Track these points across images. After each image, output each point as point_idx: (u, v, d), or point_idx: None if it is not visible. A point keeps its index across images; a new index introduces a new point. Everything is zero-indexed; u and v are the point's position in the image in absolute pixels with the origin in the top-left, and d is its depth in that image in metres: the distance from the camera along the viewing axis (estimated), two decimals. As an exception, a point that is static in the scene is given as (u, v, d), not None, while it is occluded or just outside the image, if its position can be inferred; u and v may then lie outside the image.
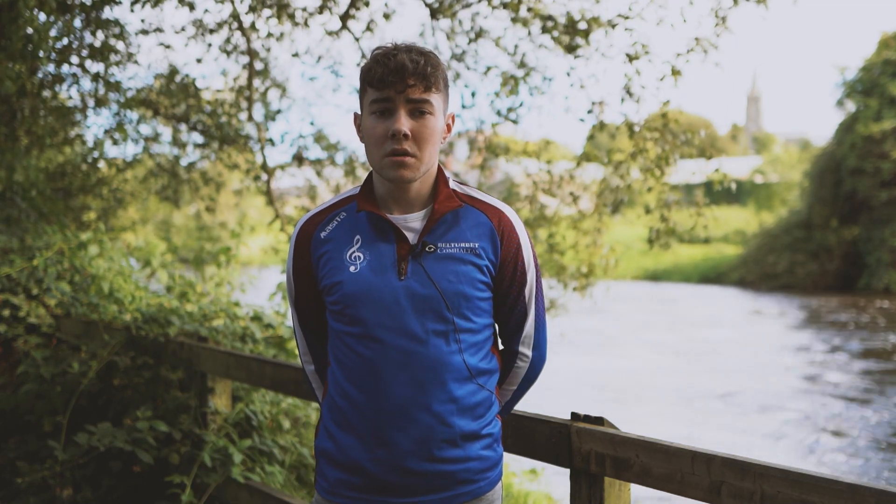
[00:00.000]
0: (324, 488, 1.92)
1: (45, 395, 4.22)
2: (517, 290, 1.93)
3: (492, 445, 1.92)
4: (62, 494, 3.99)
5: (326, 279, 1.88)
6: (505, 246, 1.90)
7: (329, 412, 1.92)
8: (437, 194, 1.89)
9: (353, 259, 1.86)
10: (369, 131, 1.83)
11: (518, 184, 8.56)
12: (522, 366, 2.01)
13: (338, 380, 1.89)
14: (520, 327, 1.97)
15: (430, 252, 1.84)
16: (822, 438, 9.83)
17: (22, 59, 4.99)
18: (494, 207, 1.92)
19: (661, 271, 35.09)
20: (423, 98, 1.80)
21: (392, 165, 1.81)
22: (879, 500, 1.66)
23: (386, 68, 1.78)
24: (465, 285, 1.84)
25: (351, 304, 1.83)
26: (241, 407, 3.90)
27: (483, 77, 7.65)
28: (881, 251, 29.12)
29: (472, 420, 1.86)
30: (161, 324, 4.29)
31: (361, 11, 7.55)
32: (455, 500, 1.86)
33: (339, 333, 1.88)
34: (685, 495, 2.01)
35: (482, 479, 1.89)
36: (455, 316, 1.83)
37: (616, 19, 6.54)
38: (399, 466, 1.82)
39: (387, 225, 1.86)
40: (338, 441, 1.88)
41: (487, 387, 1.90)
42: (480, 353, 1.89)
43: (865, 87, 30.82)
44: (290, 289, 2.00)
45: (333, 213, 1.93)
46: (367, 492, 1.85)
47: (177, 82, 8.13)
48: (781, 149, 56.65)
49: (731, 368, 14.06)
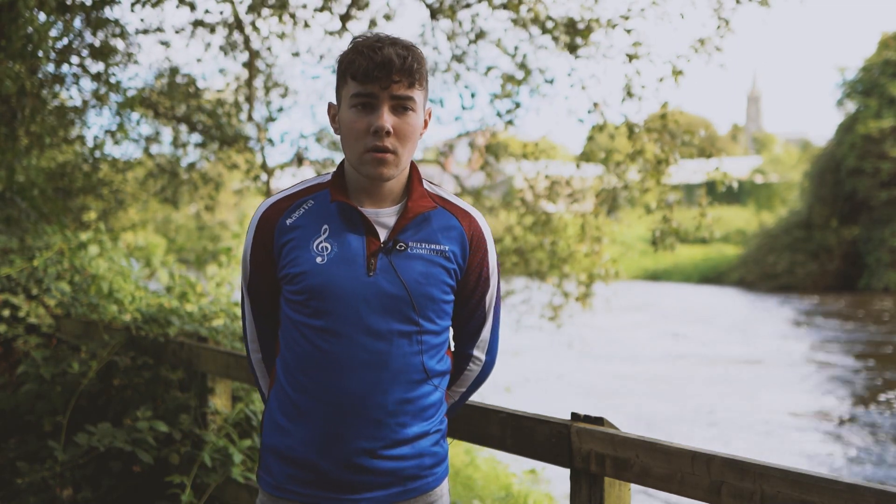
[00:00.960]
0: (270, 484, 1.87)
1: (45, 395, 4.22)
2: (479, 296, 1.93)
3: (439, 442, 1.92)
4: (62, 494, 3.98)
5: (290, 268, 1.82)
6: (473, 252, 1.89)
7: (278, 403, 1.87)
8: (410, 192, 1.86)
9: (321, 249, 1.80)
10: (349, 125, 1.78)
11: (519, 189, 8.55)
12: (475, 369, 2.02)
13: (291, 370, 1.83)
14: (477, 332, 1.98)
15: (401, 251, 1.81)
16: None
17: (22, 59, 4.98)
18: (466, 212, 1.91)
19: (661, 271, 35.07)
20: (407, 95, 1.76)
21: (372, 162, 1.77)
22: (879, 500, 1.66)
23: (371, 62, 1.73)
24: (433, 288, 1.82)
25: (316, 295, 1.78)
26: (241, 407, 3.90)
27: (483, 78, 7.65)
28: (881, 251, 29.11)
29: (423, 421, 1.86)
30: (161, 324, 4.28)
31: (362, 11, 7.55)
32: (405, 495, 1.85)
33: (296, 324, 1.82)
34: (685, 495, 2.01)
35: (430, 475, 1.89)
36: (420, 318, 1.81)
37: (616, 20, 6.54)
38: (351, 463, 1.80)
39: (359, 218, 1.82)
40: (288, 434, 1.83)
41: (441, 388, 1.91)
42: (438, 356, 1.89)
43: (865, 87, 30.81)
44: (245, 273, 1.93)
45: (300, 201, 1.87)
46: (317, 487, 1.81)
47: (177, 82, 8.13)
48: (781, 149, 56.64)
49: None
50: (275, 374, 1.91)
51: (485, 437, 2.52)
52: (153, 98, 8.29)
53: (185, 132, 9.01)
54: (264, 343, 1.98)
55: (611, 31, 6.56)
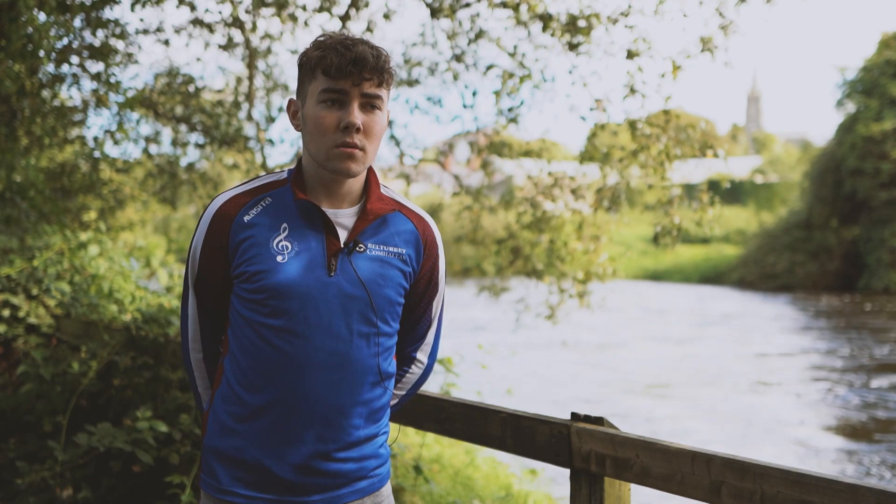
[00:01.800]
0: (214, 487, 1.83)
1: (45, 395, 4.22)
2: (428, 300, 1.95)
3: (384, 444, 1.93)
4: (62, 494, 3.98)
5: (247, 266, 1.78)
6: (426, 256, 1.91)
7: (224, 403, 1.83)
8: (368, 193, 1.86)
9: (281, 248, 1.78)
10: (316, 120, 1.77)
11: (520, 187, 8.54)
12: (417, 371, 2.04)
13: (244, 370, 1.80)
14: (423, 336, 2.00)
15: (361, 252, 1.81)
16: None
17: (22, 59, 4.98)
18: (420, 217, 1.93)
19: (661, 271, 35.08)
20: (377, 93, 1.77)
21: (341, 157, 1.76)
22: (879, 500, 1.66)
23: (343, 59, 1.72)
24: (390, 290, 1.83)
25: (276, 294, 1.76)
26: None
27: (483, 77, 7.64)
28: (881, 251, 29.12)
29: (373, 423, 1.87)
30: (161, 324, 4.28)
31: (361, 12, 7.55)
32: (352, 496, 1.85)
33: (252, 323, 1.79)
34: (685, 495, 2.01)
35: (375, 476, 1.90)
36: (378, 319, 1.82)
37: (616, 16, 6.52)
38: (302, 465, 1.78)
39: (320, 217, 1.80)
40: (236, 435, 1.80)
41: (389, 391, 1.91)
42: (390, 358, 1.89)
43: (866, 87, 30.83)
44: (193, 269, 1.87)
45: (258, 197, 1.84)
46: (265, 490, 1.79)
47: (177, 82, 8.13)
48: (781, 149, 56.65)
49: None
50: (221, 375, 1.87)
51: (485, 437, 2.52)
52: (153, 98, 8.29)
53: (185, 132, 9.01)
54: (206, 342, 1.94)
55: (611, 27, 6.54)
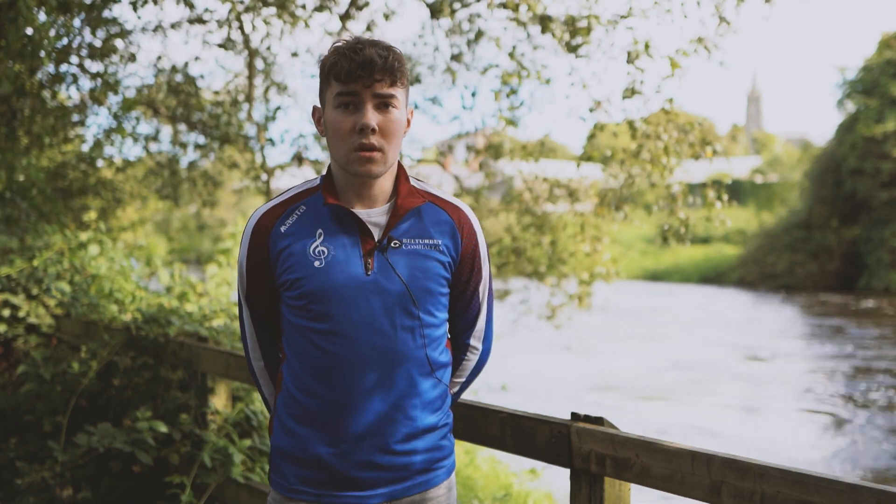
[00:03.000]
0: (283, 486, 1.90)
1: (45, 395, 4.22)
2: (473, 286, 1.97)
3: (447, 435, 1.96)
4: (62, 494, 3.98)
5: (288, 274, 1.84)
6: (464, 243, 1.93)
7: (285, 406, 1.89)
8: (398, 189, 1.90)
9: (318, 253, 1.83)
10: (335, 125, 1.81)
11: (519, 191, 8.54)
12: (473, 358, 2.06)
13: (298, 374, 1.86)
14: (474, 322, 2.02)
15: (396, 248, 1.85)
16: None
17: (22, 59, 4.98)
18: (454, 205, 1.95)
19: (661, 271, 35.06)
20: (390, 92, 1.80)
21: (359, 160, 1.80)
22: (880, 500, 1.66)
23: (353, 62, 1.77)
24: (431, 281, 1.86)
25: (317, 299, 1.81)
26: (241, 407, 3.90)
27: (482, 77, 7.64)
28: (881, 251, 29.10)
29: (431, 413, 1.90)
30: (161, 324, 4.28)
31: (362, 11, 7.55)
32: (414, 489, 1.88)
33: (300, 329, 1.85)
34: (685, 495, 2.01)
35: (440, 468, 1.93)
36: (421, 311, 1.85)
37: (616, 19, 6.52)
38: (363, 460, 1.83)
39: (352, 219, 1.85)
40: (297, 437, 1.86)
41: (444, 380, 1.94)
42: (440, 348, 1.92)
43: (866, 87, 30.80)
44: (242, 283, 1.95)
45: (293, 207, 1.90)
46: (330, 487, 1.85)
47: (177, 81, 8.13)
48: (781, 149, 56.62)
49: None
50: (280, 381, 1.93)
51: (485, 437, 2.52)
52: (151, 97, 8.29)
53: (185, 131, 9.01)
54: (265, 351, 2.01)
55: (611, 29, 6.54)
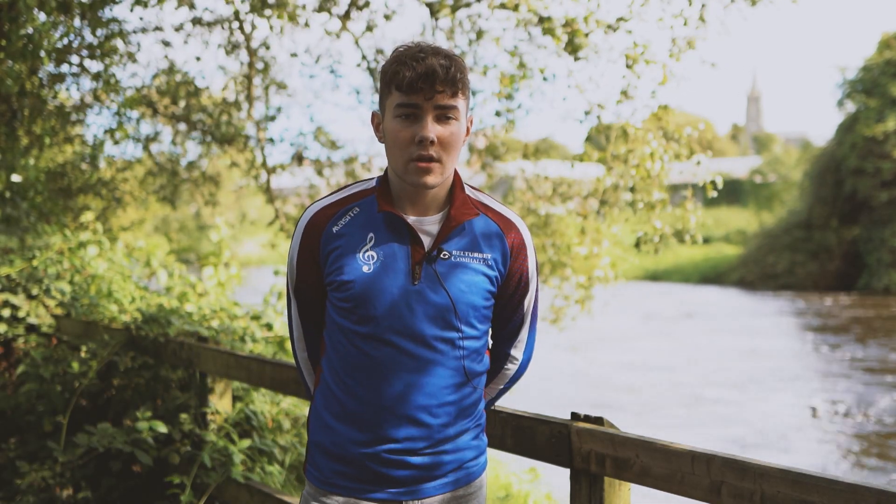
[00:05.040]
0: (318, 479, 1.93)
1: (45, 395, 4.22)
2: (518, 299, 1.96)
3: (479, 435, 1.98)
4: (62, 494, 3.98)
5: (337, 275, 1.85)
6: (514, 258, 1.92)
7: (324, 400, 1.92)
8: (453, 199, 1.89)
9: (367, 258, 1.84)
10: (394, 135, 1.80)
11: (520, 190, 8.54)
12: (512, 367, 2.06)
13: (337, 371, 1.89)
14: (516, 333, 2.01)
15: (445, 259, 1.84)
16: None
17: (22, 59, 4.98)
18: (508, 220, 1.94)
19: (661, 271, 35.06)
20: (451, 104, 1.78)
21: (417, 171, 1.79)
22: (879, 500, 1.66)
23: (415, 72, 1.74)
24: (476, 296, 1.86)
25: (362, 303, 1.83)
26: (241, 407, 3.90)
27: (483, 77, 7.63)
28: (881, 251, 29.10)
29: (465, 419, 1.91)
30: (161, 324, 4.28)
31: (362, 12, 7.55)
32: (447, 486, 1.91)
33: (343, 329, 1.87)
34: (685, 495, 2.01)
35: (473, 467, 1.95)
36: (463, 324, 1.85)
37: (615, 22, 6.52)
38: (397, 461, 1.85)
39: (404, 227, 1.85)
40: (334, 432, 1.89)
41: (479, 387, 1.95)
42: (479, 358, 1.93)
43: (866, 87, 30.80)
44: (292, 276, 1.97)
45: (347, 207, 1.90)
46: (363, 482, 1.87)
47: (176, 80, 8.13)
48: (781, 149, 56.62)
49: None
50: (320, 373, 1.96)
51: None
52: (151, 97, 8.29)
53: (185, 131, 9.01)
54: (310, 342, 2.04)
55: (611, 33, 6.54)
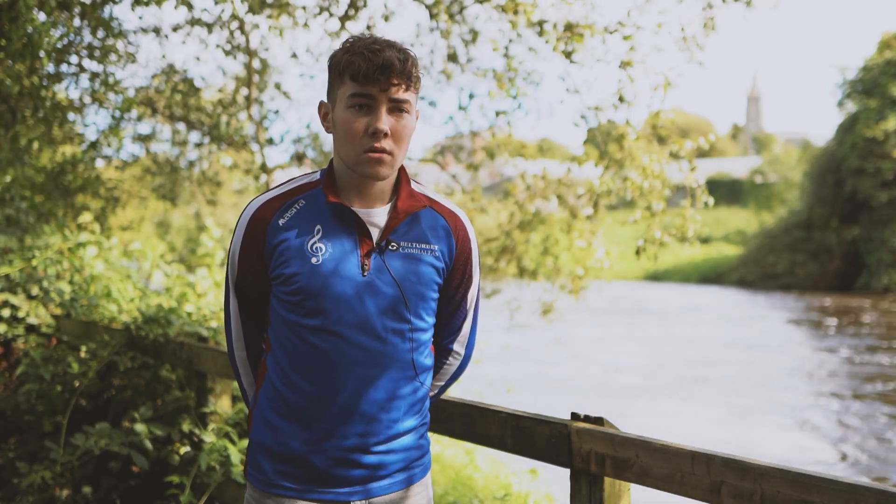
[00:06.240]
0: (261, 481, 1.89)
1: (45, 395, 4.22)
2: (462, 292, 1.98)
3: (424, 435, 1.98)
4: (62, 494, 3.98)
5: (284, 268, 1.83)
6: (459, 250, 1.93)
7: (268, 400, 1.89)
8: (399, 191, 1.89)
9: (315, 250, 1.82)
10: (346, 125, 1.79)
11: (514, 186, 8.55)
12: (454, 363, 2.08)
13: (283, 368, 1.85)
14: (459, 328, 2.03)
15: (394, 250, 1.85)
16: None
17: (22, 59, 4.98)
18: (451, 211, 1.95)
19: (661, 272, 35.08)
20: (405, 98, 1.79)
21: (370, 162, 1.79)
22: (879, 500, 1.66)
23: (371, 64, 1.74)
24: (425, 287, 1.87)
25: (311, 296, 1.80)
26: (241, 407, 3.90)
27: (478, 79, 7.65)
28: (881, 251, 29.13)
29: (412, 416, 1.91)
30: (161, 324, 4.28)
31: (361, 12, 7.55)
32: (395, 486, 1.90)
33: (289, 323, 1.84)
34: (685, 495, 2.01)
35: (417, 467, 1.95)
36: (412, 316, 1.86)
37: (612, 25, 6.53)
38: (343, 458, 1.84)
39: (352, 218, 1.84)
40: (278, 431, 1.86)
41: (426, 383, 1.95)
42: (426, 352, 1.93)
43: (866, 87, 30.83)
44: (233, 271, 1.93)
45: (292, 200, 1.88)
46: (309, 482, 1.85)
47: (175, 81, 8.13)
48: (781, 149, 56.62)
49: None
50: (264, 373, 1.93)
51: (485, 437, 2.52)
52: (150, 97, 8.29)
53: (184, 131, 9.01)
54: (249, 341, 1.99)
55: (608, 36, 6.55)
